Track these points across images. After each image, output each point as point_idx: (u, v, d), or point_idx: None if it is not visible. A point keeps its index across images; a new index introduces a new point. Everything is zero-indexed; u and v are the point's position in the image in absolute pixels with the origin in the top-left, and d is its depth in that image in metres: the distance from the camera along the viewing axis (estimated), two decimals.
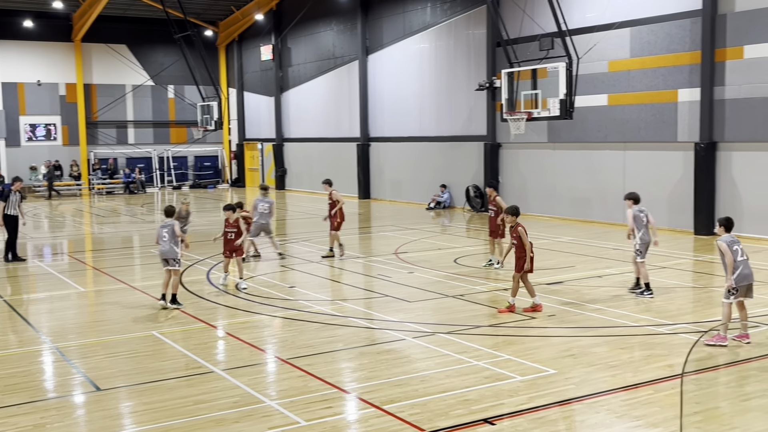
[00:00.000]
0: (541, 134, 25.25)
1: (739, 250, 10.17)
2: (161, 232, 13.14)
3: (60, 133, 41.26)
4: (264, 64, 41.53)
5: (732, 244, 10.18)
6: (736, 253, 10.12)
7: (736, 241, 10.30)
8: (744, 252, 10.25)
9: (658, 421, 7.58)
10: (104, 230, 25.88)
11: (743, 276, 10.13)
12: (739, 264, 10.12)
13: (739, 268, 10.12)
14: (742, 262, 10.15)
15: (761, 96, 19.30)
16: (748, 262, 10.27)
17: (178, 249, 13.04)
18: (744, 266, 10.14)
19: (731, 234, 10.38)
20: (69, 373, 9.70)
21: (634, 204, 13.57)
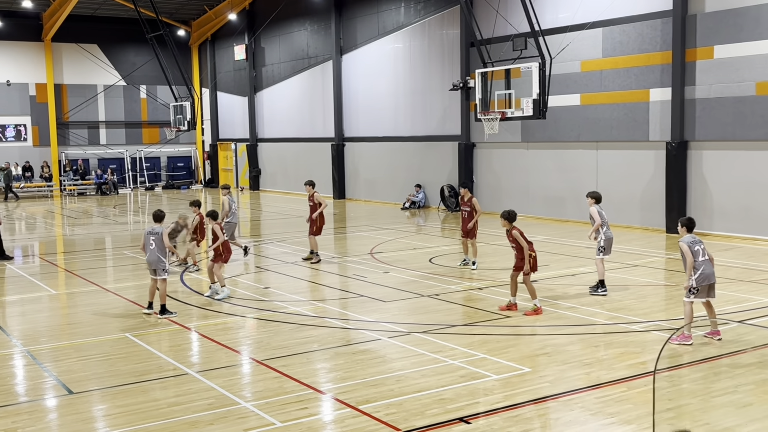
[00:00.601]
0: (515, 134, 25.38)
1: (701, 251, 10.22)
2: (148, 239, 12.55)
3: (30, 134, 40.77)
4: (237, 64, 41.33)
5: (693, 244, 10.25)
6: (697, 253, 10.20)
7: (698, 241, 10.36)
8: (706, 252, 10.31)
9: (631, 418, 7.65)
10: (76, 232, 25.60)
11: (704, 276, 10.20)
12: (701, 264, 10.19)
13: (701, 268, 10.19)
14: (704, 262, 10.21)
15: (731, 95, 19.55)
16: (710, 262, 10.34)
17: (165, 258, 12.56)
18: (705, 266, 10.21)
19: (693, 234, 10.48)
20: (41, 376, 9.59)
21: (596, 203, 13.75)
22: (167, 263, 12.66)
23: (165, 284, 12.62)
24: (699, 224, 20.39)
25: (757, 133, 19.08)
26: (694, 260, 10.15)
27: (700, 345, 10.20)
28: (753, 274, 15.01)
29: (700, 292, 10.26)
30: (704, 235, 20.19)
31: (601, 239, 13.53)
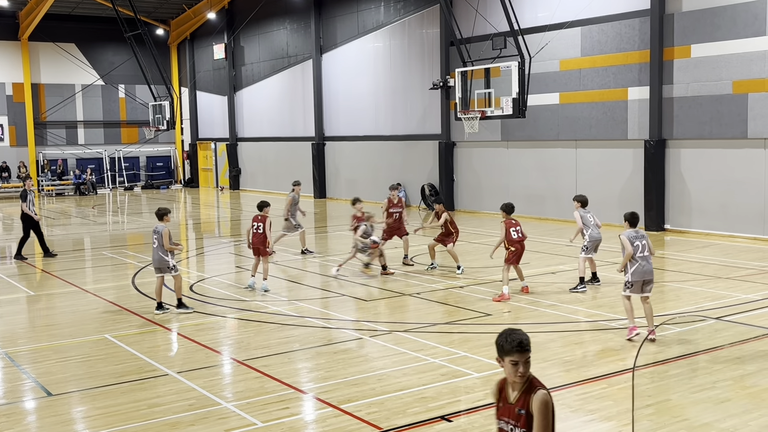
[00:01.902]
0: (495, 133, 25.47)
1: (640, 246, 10.24)
2: (152, 237, 12.68)
3: (7, 134, 40.36)
4: (217, 63, 41.15)
5: (634, 239, 10.29)
6: (636, 248, 10.23)
7: (640, 236, 10.37)
8: (647, 248, 10.33)
9: (611, 415, 7.70)
10: (54, 232, 25.37)
11: (640, 271, 10.23)
12: (638, 259, 10.22)
13: (636, 264, 10.23)
14: (642, 257, 10.24)
15: (708, 94, 19.73)
16: (650, 258, 10.37)
17: (167, 257, 12.54)
18: (642, 262, 10.23)
19: (636, 229, 10.55)
20: (19, 378, 9.50)
21: (581, 206, 13.96)
22: (171, 260, 12.60)
23: (179, 279, 12.68)
24: (677, 221, 20.74)
25: (733, 131, 19.27)
26: (632, 254, 10.19)
27: (678, 342, 10.29)
28: (730, 270, 15.16)
29: (634, 286, 10.28)
30: (682, 232, 20.40)
31: (585, 239, 13.70)
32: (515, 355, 4.48)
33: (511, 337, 4.53)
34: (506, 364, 4.53)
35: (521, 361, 4.49)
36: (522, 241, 13.29)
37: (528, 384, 4.55)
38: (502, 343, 4.55)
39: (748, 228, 19.24)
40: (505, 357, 4.52)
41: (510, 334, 4.56)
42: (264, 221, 14.39)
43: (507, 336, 4.55)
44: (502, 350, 4.55)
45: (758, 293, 13.01)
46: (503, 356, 4.54)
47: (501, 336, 4.58)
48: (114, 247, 21.23)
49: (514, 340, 4.51)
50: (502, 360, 4.55)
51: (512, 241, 13.12)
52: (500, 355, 4.57)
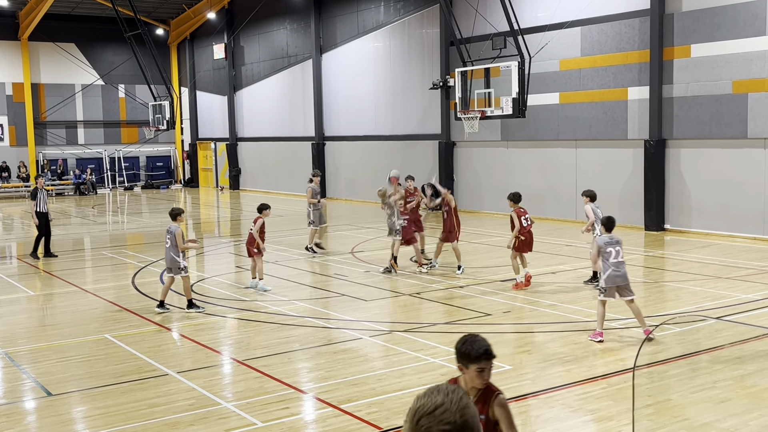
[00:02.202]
0: (495, 132, 25.46)
1: (613, 252, 10.23)
2: (165, 237, 12.81)
3: (7, 134, 40.35)
4: (216, 63, 41.14)
5: (608, 245, 10.28)
6: (609, 254, 10.21)
7: (614, 242, 10.34)
8: (621, 254, 10.31)
9: (611, 415, 7.70)
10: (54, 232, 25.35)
11: (612, 277, 10.21)
12: (611, 265, 10.20)
13: (609, 269, 10.21)
14: (615, 263, 10.20)
15: (708, 94, 19.73)
16: (623, 264, 10.34)
17: (179, 258, 12.64)
18: (616, 267, 10.21)
19: (611, 234, 10.51)
20: (19, 378, 9.50)
21: (590, 201, 14.11)
22: (183, 261, 12.66)
23: (187, 280, 12.75)
24: (677, 221, 20.74)
25: (733, 131, 19.27)
26: (603, 260, 10.21)
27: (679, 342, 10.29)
28: (730, 270, 15.16)
29: (608, 291, 10.27)
30: (682, 232, 20.40)
31: (596, 233, 13.71)
32: (483, 362, 4.42)
33: (477, 345, 4.44)
34: (471, 371, 4.44)
35: (487, 368, 4.43)
36: (530, 228, 13.83)
37: (485, 389, 4.49)
38: (467, 350, 4.44)
39: (748, 228, 19.24)
40: (471, 364, 4.43)
41: (474, 342, 4.46)
42: (256, 222, 14.45)
43: (472, 343, 4.46)
44: (468, 358, 4.44)
45: (758, 293, 13.01)
46: (468, 364, 4.44)
47: (465, 344, 4.47)
48: (114, 247, 21.23)
49: (481, 347, 4.44)
50: (466, 367, 4.45)
51: (523, 230, 13.55)
52: (464, 363, 4.46)
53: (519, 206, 13.81)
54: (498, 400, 4.48)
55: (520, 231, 13.60)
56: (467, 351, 4.44)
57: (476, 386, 4.49)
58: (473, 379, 4.47)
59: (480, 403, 4.45)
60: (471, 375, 4.46)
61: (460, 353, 4.48)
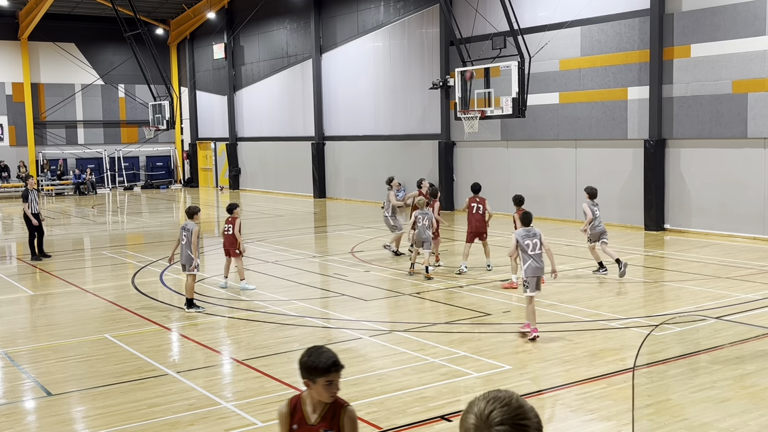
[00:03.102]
0: (495, 132, 25.46)
1: (531, 244, 10.51)
2: (181, 234, 12.84)
3: (7, 134, 40.35)
4: (216, 63, 41.14)
5: (525, 238, 10.57)
6: (527, 246, 10.49)
7: (531, 235, 10.60)
8: (539, 247, 10.55)
9: (611, 414, 7.70)
10: (54, 232, 25.37)
11: (532, 269, 10.51)
12: (528, 257, 10.49)
13: (529, 261, 10.50)
14: (533, 255, 10.49)
15: (708, 94, 19.73)
16: (541, 257, 10.59)
17: (193, 255, 12.70)
18: (534, 260, 10.50)
19: (529, 228, 10.73)
20: (19, 378, 9.50)
21: (588, 198, 14.90)
22: (197, 260, 12.75)
23: (193, 279, 12.77)
24: (677, 221, 20.74)
25: (733, 131, 19.27)
26: (522, 252, 10.53)
27: (679, 342, 10.29)
28: (730, 270, 15.16)
29: (531, 284, 10.52)
30: (682, 232, 20.40)
31: (589, 231, 14.77)
32: (332, 373, 4.23)
33: (325, 356, 4.25)
34: (319, 385, 4.24)
35: (336, 379, 4.26)
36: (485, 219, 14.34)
37: (333, 403, 4.33)
38: (315, 363, 4.23)
39: (747, 228, 19.24)
40: (319, 378, 4.23)
41: (321, 353, 4.27)
42: (234, 223, 14.42)
43: (319, 355, 4.26)
44: (316, 371, 4.23)
45: (758, 293, 13.01)
46: (316, 377, 4.23)
47: (311, 356, 4.26)
48: (114, 246, 21.23)
49: (329, 358, 4.24)
50: (313, 382, 4.25)
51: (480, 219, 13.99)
52: (311, 377, 4.25)
53: (522, 208, 13.95)
54: (348, 413, 4.32)
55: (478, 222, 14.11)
56: (315, 363, 4.23)
57: (324, 400, 4.31)
58: (321, 393, 4.27)
59: (329, 418, 4.31)
60: (319, 389, 4.25)
61: (307, 367, 4.25)
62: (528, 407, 2.26)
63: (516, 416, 2.22)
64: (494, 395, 2.27)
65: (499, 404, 2.24)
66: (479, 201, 15.51)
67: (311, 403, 4.35)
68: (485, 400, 2.26)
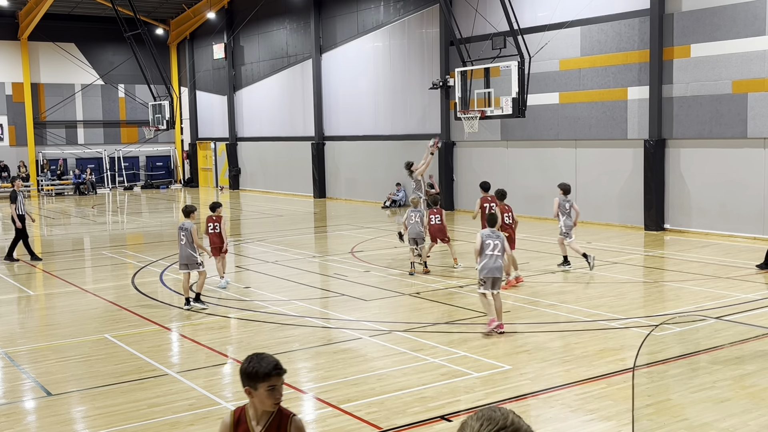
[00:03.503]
0: (495, 132, 25.46)
1: (491, 244, 10.75)
2: (179, 234, 12.96)
3: (7, 134, 40.34)
4: (216, 63, 41.14)
5: (487, 237, 10.82)
6: (487, 246, 10.74)
7: (494, 236, 10.86)
8: (499, 248, 10.78)
9: (611, 415, 7.70)
10: (54, 232, 25.38)
11: (488, 269, 10.75)
12: (486, 257, 10.74)
13: (484, 260, 10.75)
14: (491, 256, 10.73)
15: (708, 94, 19.73)
16: (499, 258, 10.80)
17: (196, 253, 12.83)
18: (491, 260, 10.73)
19: (493, 229, 11.01)
20: (19, 378, 9.50)
21: (563, 194, 15.40)
22: (199, 257, 12.89)
23: (204, 276, 12.94)
24: (677, 221, 20.74)
25: (733, 131, 19.27)
26: (482, 251, 10.75)
27: (679, 342, 10.29)
28: (730, 270, 15.16)
29: (487, 283, 10.77)
30: (682, 232, 20.40)
31: (561, 227, 15.23)
32: (273, 378, 4.10)
33: (266, 361, 4.11)
34: (261, 391, 4.10)
35: (278, 384, 4.14)
36: (512, 225, 14.23)
37: (278, 412, 4.20)
38: (255, 369, 4.09)
39: (747, 228, 19.24)
40: (260, 384, 4.08)
41: (262, 359, 4.13)
42: (219, 221, 14.60)
43: (259, 360, 4.12)
44: (257, 377, 4.08)
45: (758, 293, 13.02)
46: (257, 383, 4.09)
47: (251, 362, 4.13)
48: (114, 246, 21.23)
49: (270, 362, 4.11)
50: (255, 389, 4.11)
51: (504, 227, 13.81)
52: (252, 384, 4.11)
53: (504, 203, 14.35)
54: (295, 423, 4.22)
55: (501, 228, 13.69)
56: (256, 369, 4.08)
57: (268, 409, 4.16)
58: (264, 402, 4.13)
59: (274, 429, 4.17)
60: (261, 396, 4.11)
61: (248, 373, 4.11)
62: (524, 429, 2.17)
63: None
64: (489, 415, 2.18)
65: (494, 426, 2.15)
66: (491, 200, 15.47)
67: (255, 414, 4.20)
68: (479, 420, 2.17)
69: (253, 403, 4.20)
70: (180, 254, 13.00)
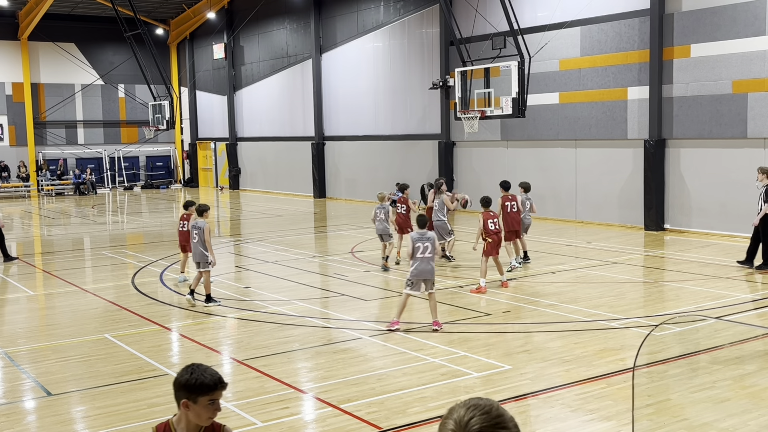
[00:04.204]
0: (495, 132, 25.47)
1: (422, 247, 10.96)
2: (192, 233, 13.11)
3: (7, 134, 40.34)
4: (216, 63, 41.14)
5: (417, 240, 11.03)
6: (417, 249, 10.95)
7: (426, 238, 11.06)
8: (429, 250, 10.97)
9: (611, 414, 7.70)
10: (54, 232, 25.39)
11: (419, 270, 10.97)
12: (418, 259, 10.95)
13: (417, 263, 10.97)
14: (422, 258, 10.94)
15: (708, 94, 19.73)
16: (430, 260, 10.98)
17: (207, 252, 12.93)
18: (422, 262, 10.96)
19: (423, 231, 11.25)
20: (19, 378, 9.50)
21: (524, 192, 16.28)
22: (210, 256, 12.96)
23: (208, 275, 12.98)
24: (677, 221, 20.74)
25: (733, 131, 19.27)
26: (414, 254, 10.98)
27: (679, 342, 10.29)
28: (730, 270, 15.16)
29: (414, 284, 11.05)
30: (682, 232, 20.40)
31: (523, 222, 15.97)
32: (217, 392, 3.90)
33: (209, 372, 3.90)
34: (200, 405, 3.88)
35: (218, 399, 3.93)
36: (498, 233, 14.18)
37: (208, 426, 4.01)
38: (200, 380, 3.85)
39: (747, 228, 19.14)
40: (202, 397, 3.86)
41: (205, 370, 3.91)
42: (189, 219, 14.68)
43: (203, 372, 3.90)
44: (200, 389, 3.85)
45: (758, 293, 13.02)
46: (198, 396, 3.85)
47: (193, 374, 3.89)
48: (114, 246, 21.23)
49: (214, 375, 3.90)
50: (195, 402, 3.87)
51: (489, 233, 13.91)
52: (193, 396, 3.86)
53: (488, 210, 14.31)
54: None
55: (486, 234, 13.97)
56: (200, 381, 3.85)
57: (202, 423, 3.95)
58: (201, 415, 3.91)
59: None
60: (199, 410, 3.89)
61: (189, 385, 3.86)
62: (508, 417, 2.25)
63: (495, 425, 2.21)
64: (474, 403, 2.26)
65: (479, 412, 2.22)
66: (512, 199, 15.79)
67: (185, 429, 3.98)
68: (465, 407, 2.25)
69: (185, 417, 3.96)
70: (193, 252, 13.17)
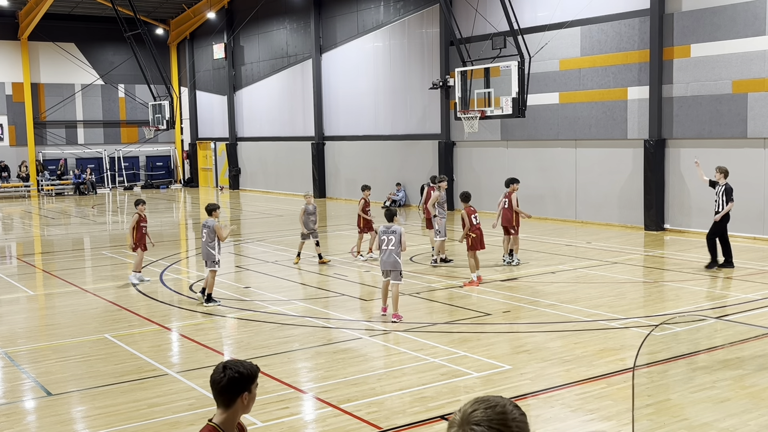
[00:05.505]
0: (495, 132, 25.46)
1: (386, 240, 11.67)
2: (201, 231, 13.28)
3: (7, 134, 40.34)
4: (216, 63, 41.14)
5: (383, 234, 11.74)
6: (383, 241, 11.69)
7: (390, 231, 11.69)
8: (393, 242, 11.60)
9: (611, 414, 7.70)
10: (54, 232, 25.38)
11: (382, 261, 11.80)
12: (383, 252, 11.72)
13: (383, 255, 11.73)
14: (385, 251, 11.68)
15: (708, 94, 19.73)
16: (392, 252, 11.59)
17: (215, 251, 12.99)
18: (384, 254, 11.72)
19: (390, 225, 11.80)
20: (19, 378, 9.50)
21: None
22: (218, 255, 13.06)
23: (213, 275, 13.06)
24: (677, 221, 20.74)
25: (733, 130, 19.27)
26: (379, 245, 11.77)
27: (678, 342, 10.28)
28: (730, 270, 15.14)
29: (383, 273, 11.83)
30: (682, 231, 20.40)
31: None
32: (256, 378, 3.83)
33: (246, 362, 3.85)
34: (253, 393, 3.83)
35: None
36: (480, 227, 14.53)
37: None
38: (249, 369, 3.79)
39: (748, 228, 19.23)
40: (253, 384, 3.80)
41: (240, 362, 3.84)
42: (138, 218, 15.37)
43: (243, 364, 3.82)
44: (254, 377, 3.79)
45: (758, 293, 13.02)
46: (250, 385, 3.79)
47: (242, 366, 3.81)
48: (114, 246, 21.22)
49: (250, 363, 3.85)
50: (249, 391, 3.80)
51: (473, 228, 14.26)
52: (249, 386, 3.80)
53: (469, 205, 14.67)
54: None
55: (471, 229, 14.27)
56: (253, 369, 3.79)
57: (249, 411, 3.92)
58: (250, 404, 3.85)
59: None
60: (251, 398, 3.83)
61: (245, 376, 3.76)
62: (512, 416, 2.27)
63: (495, 420, 2.25)
64: (484, 398, 2.33)
65: (484, 406, 2.29)
66: (506, 196, 16.62)
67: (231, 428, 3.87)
68: (474, 401, 2.34)
69: (233, 414, 3.84)
70: (202, 251, 13.30)
